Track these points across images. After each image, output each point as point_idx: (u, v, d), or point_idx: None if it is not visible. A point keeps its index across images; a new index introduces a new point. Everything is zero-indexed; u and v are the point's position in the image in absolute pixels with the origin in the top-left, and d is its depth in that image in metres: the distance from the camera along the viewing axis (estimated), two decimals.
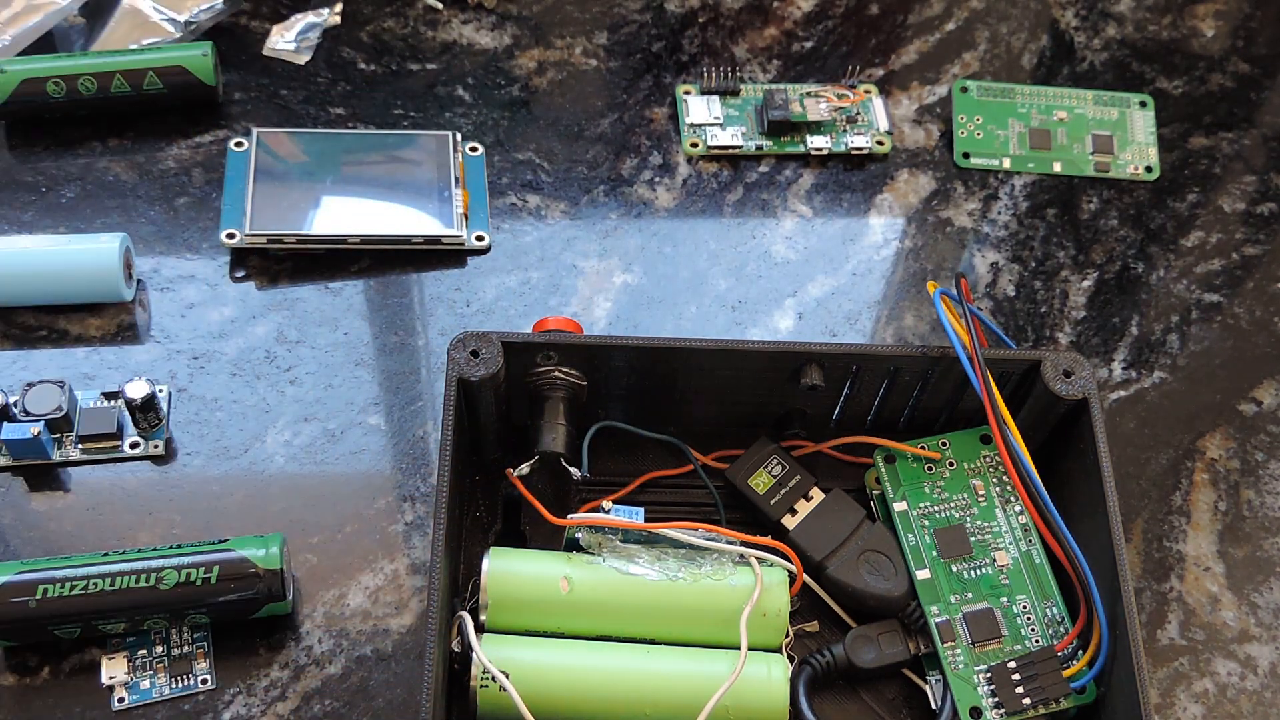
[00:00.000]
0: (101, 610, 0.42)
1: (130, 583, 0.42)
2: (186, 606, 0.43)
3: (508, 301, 0.55)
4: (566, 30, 0.64)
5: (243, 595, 0.43)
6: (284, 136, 0.57)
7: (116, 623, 0.42)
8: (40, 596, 0.41)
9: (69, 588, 0.41)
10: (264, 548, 0.44)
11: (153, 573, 0.41)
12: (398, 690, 0.45)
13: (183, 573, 0.42)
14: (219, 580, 0.43)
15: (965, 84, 0.62)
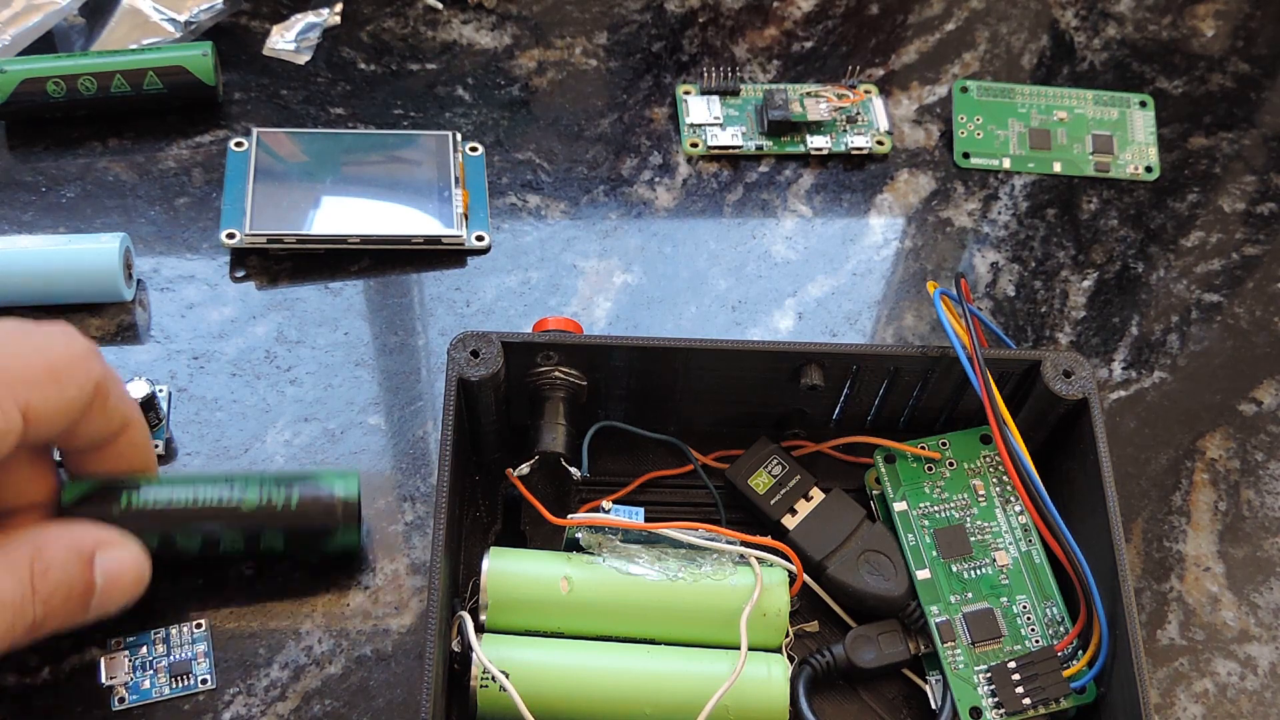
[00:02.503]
0: (184, 524, 0.42)
1: (212, 500, 0.42)
2: (263, 527, 0.43)
3: (508, 301, 0.55)
4: (566, 30, 0.64)
5: (319, 523, 0.44)
6: (284, 136, 0.57)
7: (193, 538, 0.43)
8: (125, 504, 0.42)
9: (150, 495, 0.42)
10: (342, 479, 0.44)
11: (235, 489, 0.43)
12: (398, 690, 0.45)
13: (263, 496, 0.42)
14: (299, 504, 0.43)
15: (965, 84, 0.62)
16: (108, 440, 0.42)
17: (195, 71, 0.57)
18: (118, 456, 0.42)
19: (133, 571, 0.40)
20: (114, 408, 0.41)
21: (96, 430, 0.41)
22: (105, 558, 0.39)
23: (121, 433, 0.42)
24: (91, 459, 0.42)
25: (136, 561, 0.40)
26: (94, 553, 0.39)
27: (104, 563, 0.39)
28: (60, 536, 0.39)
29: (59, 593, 0.38)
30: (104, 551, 0.39)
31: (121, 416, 0.42)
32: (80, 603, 0.39)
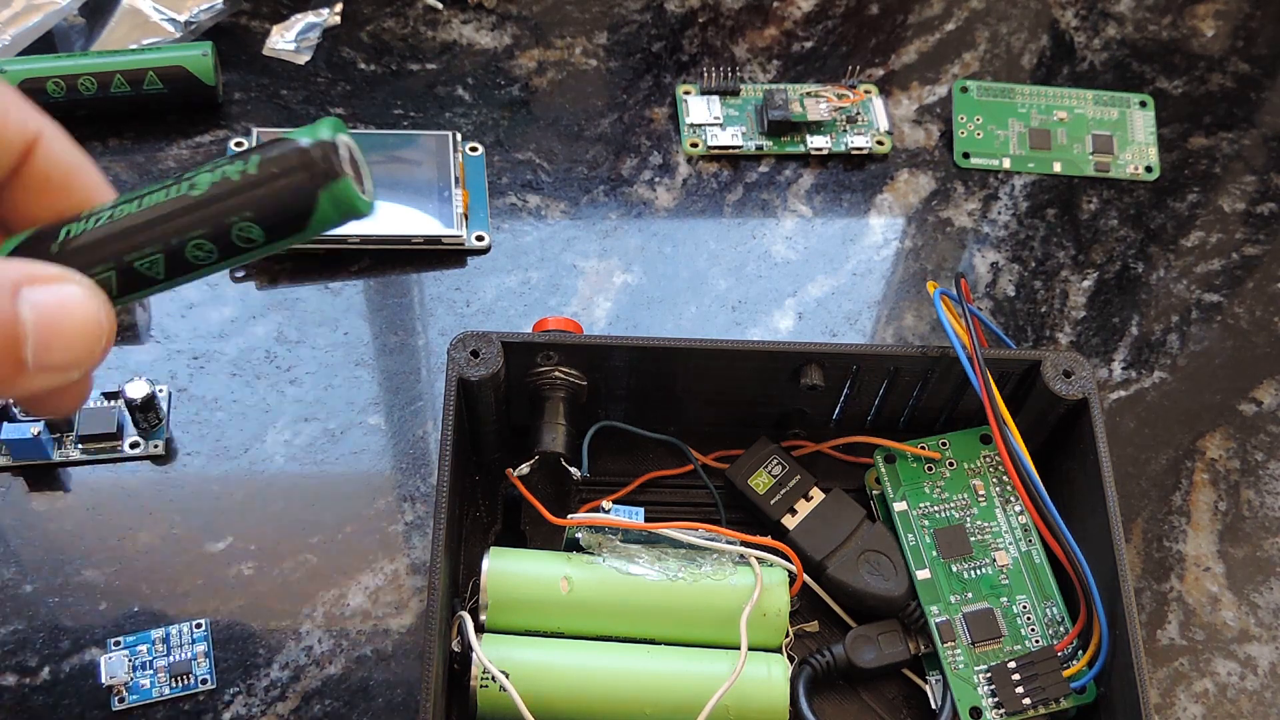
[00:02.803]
0: (136, 242, 0.30)
1: (159, 199, 0.30)
2: (228, 214, 0.30)
3: (508, 301, 0.55)
4: (566, 30, 0.64)
5: (293, 182, 0.30)
6: None
7: (152, 257, 0.31)
8: (63, 239, 0.30)
9: (92, 221, 0.31)
10: (313, 125, 0.31)
11: (184, 181, 0.30)
12: (398, 690, 0.45)
13: (217, 171, 0.30)
14: (260, 167, 0.30)
15: (965, 84, 0.62)
16: (8, 169, 0.31)
17: (195, 71, 0.57)
18: (41, 189, 0.31)
19: (79, 310, 0.29)
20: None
21: None
22: (39, 291, 0.28)
23: (29, 152, 0.30)
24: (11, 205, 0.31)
25: (81, 298, 0.29)
26: (19, 284, 0.28)
27: (35, 296, 0.28)
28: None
29: None
30: (35, 285, 0.28)
31: (18, 123, 0.30)
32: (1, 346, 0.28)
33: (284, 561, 0.47)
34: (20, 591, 0.46)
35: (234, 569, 0.47)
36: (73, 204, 0.31)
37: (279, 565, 0.47)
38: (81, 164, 0.31)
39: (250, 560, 0.47)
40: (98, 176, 0.31)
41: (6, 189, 0.30)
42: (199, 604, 0.46)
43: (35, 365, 0.27)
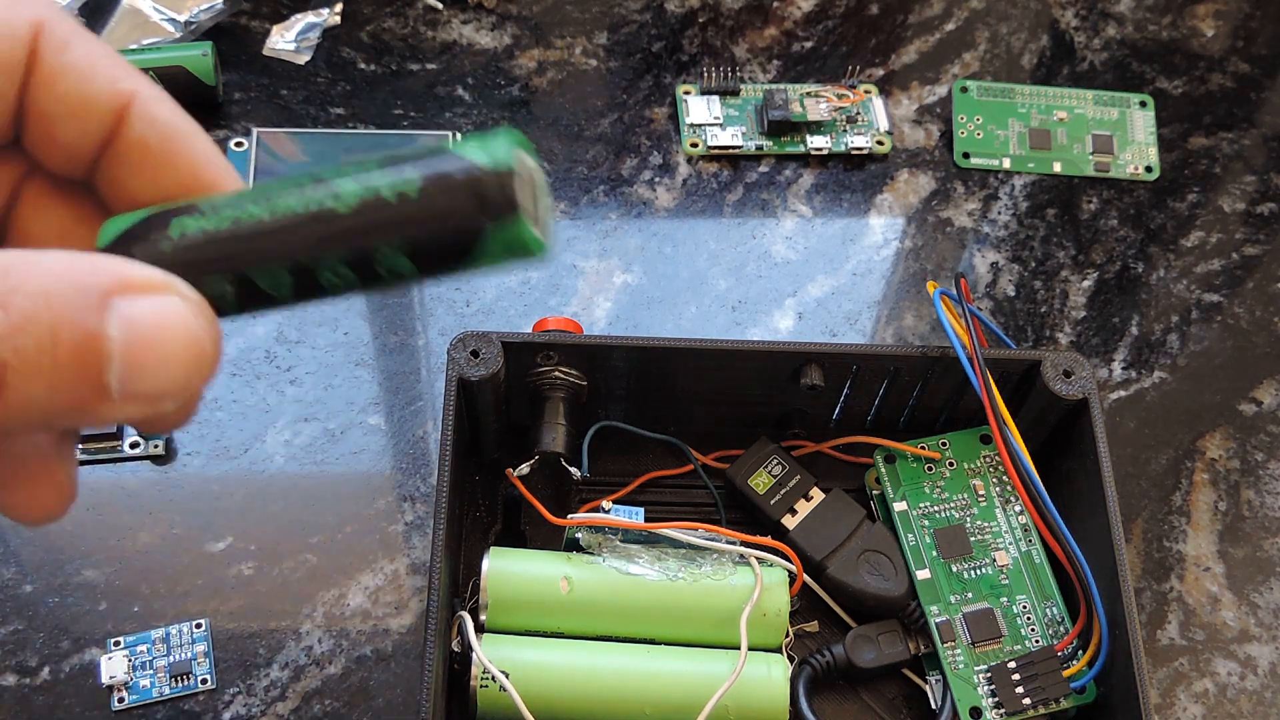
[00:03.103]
0: (261, 253, 0.24)
1: (295, 208, 0.24)
2: (376, 239, 0.24)
3: (508, 301, 0.55)
4: (566, 30, 0.64)
5: (458, 213, 0.24)
6: (284, 136, 0.57)
7: (278, 274, 0.24)
8: (176, 236, 0.24)
9: (212, 219, 0.24)
10: (485, 142, 0.25)
11: (325, 186, 0.24)
12: (398, 690, 0.45)
13: (367, 185, 0.24)
14: (421, 192, 0.24)
15: (965, 84, 0.62)
16: (99, 136, 0.25)
17: (195, 71, 0.57)
18: (140, 162, 0.25)
19: (180, 328, 0.22)
20: (80, 66, 0.24)
21: (58, 112, 0.24)
22: (132, 302, 0.22)
23: (122, 117, 0.25)
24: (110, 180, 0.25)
25: (184, 314, 0.23)
26: (110, 292, 0.22)
27: (128, 309, 0.22)
28: (56, 260, 0.22)
29: (35, 336, 0.21)
30: (129, 296, 0.22)
31: (108, 82, 0.24)
32: (81, 365, 0.21)
33: (284, 561, 0.47)
34: (20, 591, 0.46)
35: (234, 569, 0.47)
36: (180, 180, 0.25)
37: (279, 565, 0.47)
38: (186, 131, 0.25)
39: (250, 560, 0.47)
40: (208, 148, 0.25)
41: (100, 162, 0.25)
42: (199, 604, 0.46)
43: (121, 392, 0.22)
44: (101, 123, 0.25)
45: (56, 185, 0.26)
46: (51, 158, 0.25)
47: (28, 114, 0.24)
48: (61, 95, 0.24)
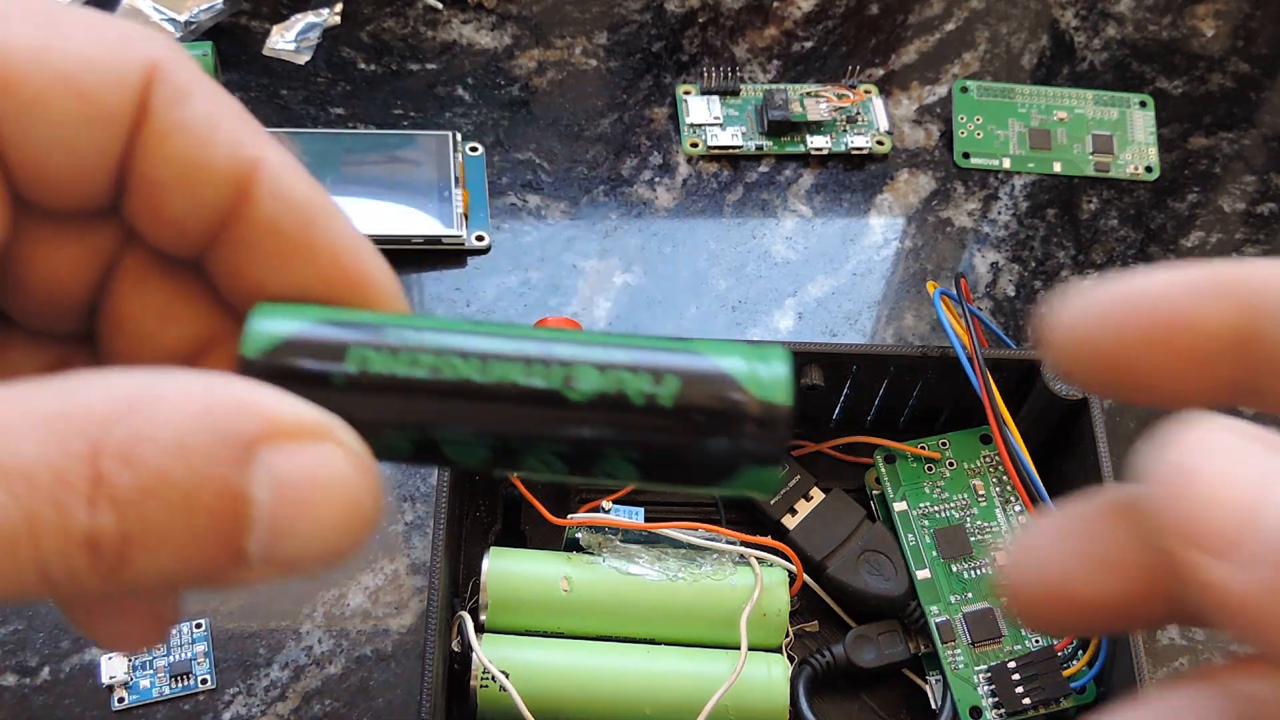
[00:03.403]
0: (457, 416, 0.19)
1: (516, 379, 0.18)
2: (606, 440, 0.19)
3: (508, 301, 0.55)
4: (566, 30, 0.64)
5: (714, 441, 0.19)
6: (284, 136, 0.57)
7: (473, 447, 0.19)
8: (357, 370, 0.18)
9: (403, 361, 0.18)
10: (758, 361, 0.19)
11: (556, 362, 0.18)
12: (398, 690, 0.45)
13: (611, 376, 0.19)
14: (677, 403, 0.19)
15: (965, 84, 0.62)
16: (216, 212, 0.19)
17: None
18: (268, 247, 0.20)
19: (337, 486, 0.17)
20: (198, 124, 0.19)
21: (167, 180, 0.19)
22: (283, 454, 0.17)
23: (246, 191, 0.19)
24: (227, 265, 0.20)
25: (344, 470, 0.18)
26: (257, 441, 0.17)
27: (278, 462, 0.17)
28: (192, 395, 0.17)
29: (167, 500, 0.16)
30: (280, 445, 0.17)
31: (230, 147, 0.19)
32: (217, 532, 0.17)
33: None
34: None
35: None
36: (318, 273, 0.20)
37: None
38: (324, 210, 0.20)
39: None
40: (350, 233, 0.21)
41: (216, 242, 0.20)
42: (199, 604, 0.46)
43: (260, 559, 0.17)
44: (220, 196, 0.19)
45: (161, 259, 0.21)
46: (156, 232, 0.20)
47: (131, 178, 0.19)
48: (173, 159, 0.19)
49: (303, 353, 0.18)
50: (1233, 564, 0.15)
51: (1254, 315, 0.18)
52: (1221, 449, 0.16)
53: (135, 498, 0.16)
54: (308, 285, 0.20)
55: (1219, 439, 0.16)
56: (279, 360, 0.18)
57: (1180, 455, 0.16)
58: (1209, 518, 0.15)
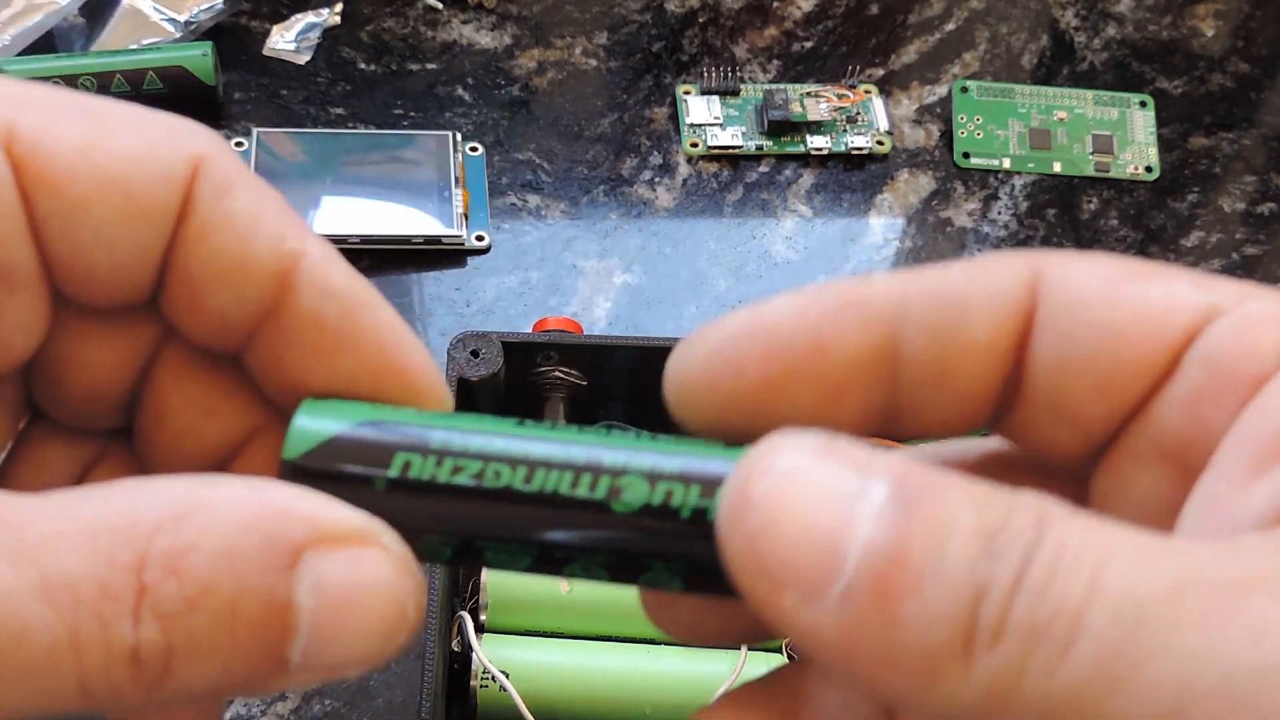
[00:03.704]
0: (503, 525, 0.18)
1: (562, 486, 0.18)
2: (652, 555, 0.18)
3: (508, 301, 0.55)
4: (566, 30, 0.64)
5: None
6: (284, 136, 0.57)
7: (517, 554, 0.19)
8: (399, 474, 0.18)
9: (446, 467, 0.18)
10: None
11: (605, 473, 0.18)
12: (398, 690, 0.45)
13: (660, 488, 0.18)
14: None
15: (965, 84, 0.62)
16: (256, 307, 0.19)
17: (195, 71, 0.57)
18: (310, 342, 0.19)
19: (382, 591, 0.17)
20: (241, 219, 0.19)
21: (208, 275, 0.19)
22: (328, 561, 0.17)
23: (287, 284, 0.19)
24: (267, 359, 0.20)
25: (387, 574, 0.18)
26: (302, 547, 0.17)
27: (323, 569, 0.17)
28: (239, 501, 0.17)
29: (212, 611, 0.16)
30: (324, 550, 0.17)
31: (272, 241, 0.19)
32: (261, 640, 0.17)
33: None
34: None
35: None
36: (362, 367, 0.20)
37: None
38: (366, 303, 0.19)
39: None
40: (395, 325, 0.20)
41: (257, 337, 0.19)
42: None
43: (302, 665, 0.17)
44: (261, 291, 0.19)
45: (200, 352, 0.20)
46: (196, 327, 0.20)
47: (171, 272, 0.19)
48: (215, 254, 0.19)
49: (345, 456, 0.18)
50: (821, 602, 0.14)
51: (892, 331, 0.17)
52: (799, 473, 0.15)
53: (181, 609, 0.16)
54: (351, 378, 0.19)
55: (797, 461, 0.15)
56: (321, 463, 0.18)
57: (757, 487, 0.15)
58: (793, 556, 0.15)
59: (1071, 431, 0.17)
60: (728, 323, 0.18)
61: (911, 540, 0.14)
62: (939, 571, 0.14)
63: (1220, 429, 0.16)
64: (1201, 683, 0.13)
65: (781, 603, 0.15)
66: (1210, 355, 0.16)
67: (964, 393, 0.17)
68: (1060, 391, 0.17)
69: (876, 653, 0.14)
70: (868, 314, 0.17)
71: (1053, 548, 0.14)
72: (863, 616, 0.14)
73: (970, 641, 0.14)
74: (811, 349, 0.17)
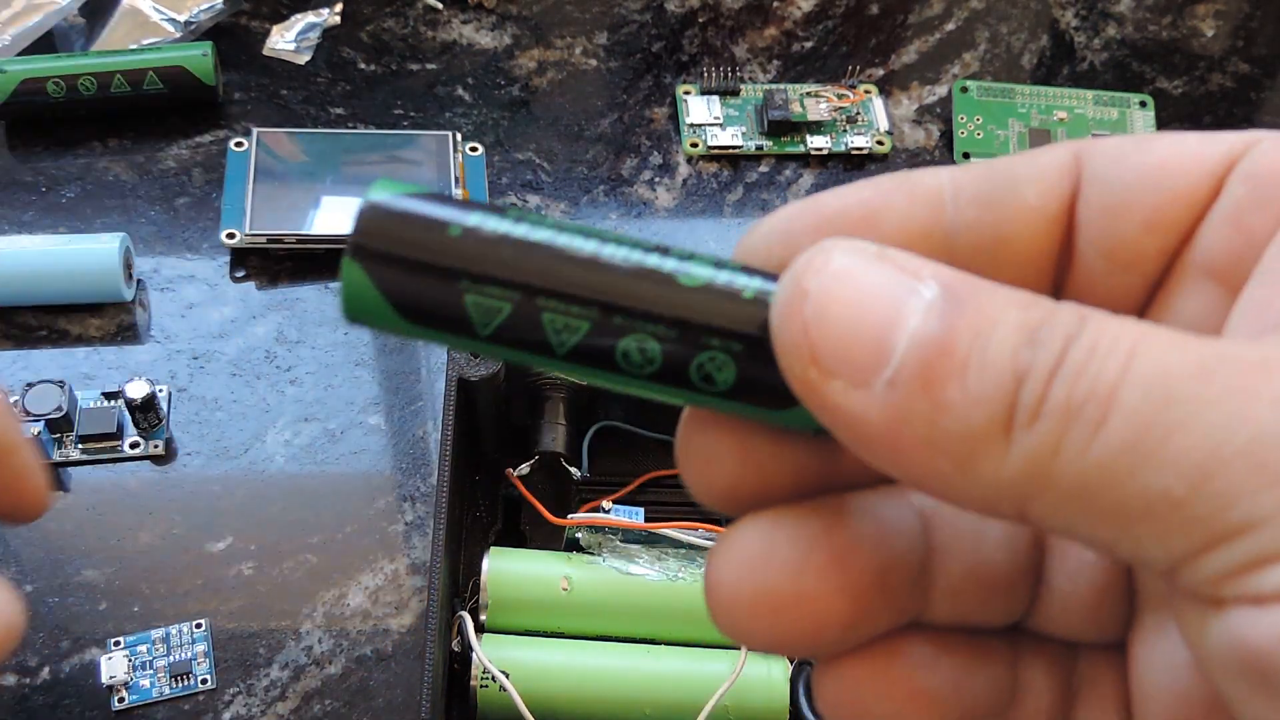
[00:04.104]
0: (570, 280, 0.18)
1: (630, 255, 0.18)
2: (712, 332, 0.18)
3: None
4: (566, 30, 0.64)
5: None
6: (284, 136, 0.57)
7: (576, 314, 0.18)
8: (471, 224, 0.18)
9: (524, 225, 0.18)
10: None
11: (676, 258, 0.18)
12: (398, 690, 0.45)
13: (724, 272, 0.18)
14: None
15: (965, 84, 0.62)
16: None
17: (195, 71, 0.57)
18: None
19: None
20: None
21: None
22: None
23: None
24: None
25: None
26: None
27: None
28: None
29: None
30: None
31: None
32: None
33: (284, 561, 0.47)
34: (20, 592, 0.46)
35: (234, 569, 0.47)
36: None
37: (279, 565, 0.47)
38: None
39: (250, 560, 0.47)
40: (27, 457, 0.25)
41: None
42: (199, 604, 0.46)
43: None
44: None
45: None
46: None
47: None
48: None
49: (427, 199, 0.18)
50: (868, 390, 0.15)
51: (942, 203, 0.18)
52: (853, 273, 0.16)
53: None
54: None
55: (850, 262, 0.16)
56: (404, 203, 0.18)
57: (812, 281, 0.16)
58: (844, 345, 0.15)
59: (1126, 274, 0.18)
60: (785, 208, 0.18)
61: (958, 331, 0.15)
62: (982, 359, 0.14)
63: (1266, 238, 0.16)
64: (1229, 447, 0.13)
65: (829, 390, 0.15)
66: (1254, 171, 0.17)
67: (1019, 258, 0.18)
68: (1112, 236, 0.17)
69: (919, 437, 0.15)
70: (918, 189, 0.18)
71: (1091, 337, 0.14)
72: (907, 402, 0.15)
73: (1009, 423, 0.14)
74: (863, 221, 0.18)
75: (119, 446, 0.49)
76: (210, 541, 0.48)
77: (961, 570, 0.18)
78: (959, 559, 0.18)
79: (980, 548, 0.18)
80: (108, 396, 0.50)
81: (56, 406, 0.49)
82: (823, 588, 0.17)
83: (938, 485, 0.15)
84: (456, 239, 0.18)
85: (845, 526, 0.17)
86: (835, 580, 0.17)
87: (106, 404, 0.50)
